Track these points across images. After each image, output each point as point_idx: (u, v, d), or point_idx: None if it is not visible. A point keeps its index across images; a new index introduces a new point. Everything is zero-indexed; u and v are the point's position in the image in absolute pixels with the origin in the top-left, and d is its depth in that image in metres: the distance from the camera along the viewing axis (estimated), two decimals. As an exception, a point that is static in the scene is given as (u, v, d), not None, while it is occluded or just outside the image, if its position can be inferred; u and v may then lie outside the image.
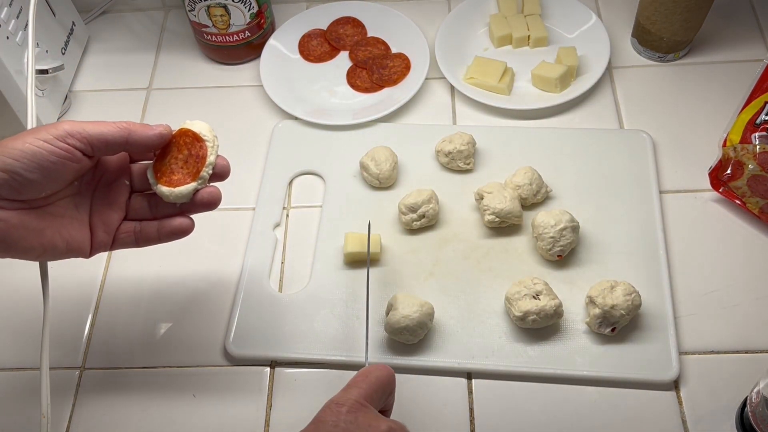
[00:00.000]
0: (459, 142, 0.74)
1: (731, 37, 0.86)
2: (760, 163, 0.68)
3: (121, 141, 0.51)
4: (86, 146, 0.49)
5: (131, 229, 0.56)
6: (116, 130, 0.50)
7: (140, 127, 0.51)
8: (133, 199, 0.57)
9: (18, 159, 0.47)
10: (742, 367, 0.62)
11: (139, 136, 0.51)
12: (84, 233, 0.53)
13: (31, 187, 0.48)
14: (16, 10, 0.77)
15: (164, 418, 0.64)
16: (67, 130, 0.48)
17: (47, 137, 0.48)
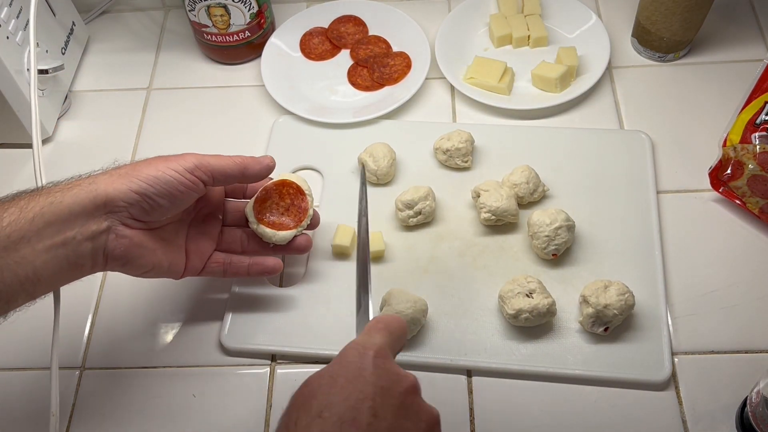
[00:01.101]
0: (457, 139, 0.75)
1: (731, 37, 0.86)
2: (760, 163, 0.68)
3: (238, 174, 0.58)
4: (209, 178, 0.56)
5: (221, 261, 0.62)
6: (234, 165, 0.57)
7: (252, 161, 0.58)
8: (226, 232, 0.64)
9: (152, 185, 0.53)
10: (741, 367, 0.62)
11: (253, 170, 0.58)
12: (182, 258, 0.59)
13: (158, 211, 0.54)
14: (16, 10, 0.77)
15: (164, 418, 0.64)
16: (195, 164, 0.55)
17: (179, 168, 0.54)
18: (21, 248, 0.47)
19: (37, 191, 0.50)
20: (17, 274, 0.47)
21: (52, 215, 0.49)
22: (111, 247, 0.52)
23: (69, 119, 0.86)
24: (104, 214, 0.51)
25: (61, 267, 0.50)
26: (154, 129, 0.84)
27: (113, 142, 0.84)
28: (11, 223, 0.48)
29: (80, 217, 0.50)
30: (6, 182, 0.80)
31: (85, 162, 0.82)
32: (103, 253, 0.52)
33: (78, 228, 0.50)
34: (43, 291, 0.51)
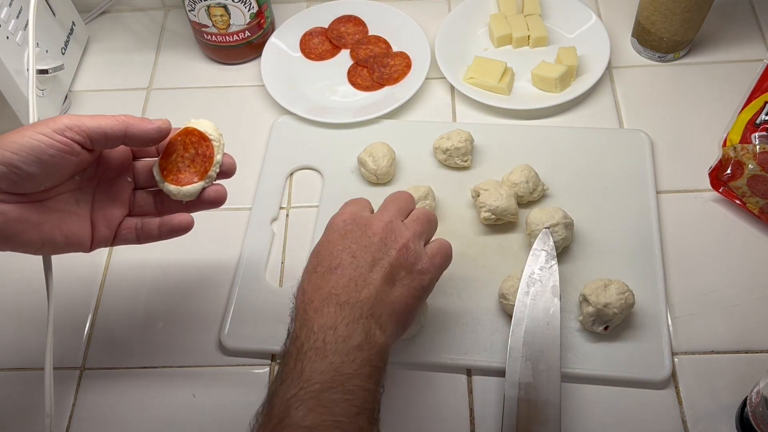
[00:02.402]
0: (457, 139, 0.75)
1: (731, 37, 0.86)
2: (760, 163, 0.68)
3: (120, 134, 0.51)
4: (85, 139, 0.50)
5: (133, 226, 0.57)
6: (114, 123, 0.51)
7: (138, 121, 0.52)
8: (137, 196, 0.58)
9: (17, 152, 0.47)
10: (742, 367, 0.62)
11: (138, 130, 0.52)
12: (84, 228, 0.54)
13: (30, 180, 0.48)
14: (15, 10, 0.77)
15: (164, 418, 0.64)
16: (66, 124, 0.49)
17: (46, 131, 0.48)
18: None
19: None
20: None
21: None
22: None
23: (69, 119, 0.86)
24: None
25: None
26: (154, 129, 0.84)
27: (113, 142, 0.84)
28: None
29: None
30: (6, 182, 0.80)
31: (85, 162, 0.82)
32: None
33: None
34: None
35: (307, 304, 0.51)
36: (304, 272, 0.54)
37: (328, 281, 0.51)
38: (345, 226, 0.55)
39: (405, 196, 0.60)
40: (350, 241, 0.54)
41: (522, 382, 0.59)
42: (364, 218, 0.56)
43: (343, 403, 0.46)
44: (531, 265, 0.64)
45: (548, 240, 0.66)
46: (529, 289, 0.63)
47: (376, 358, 0.49)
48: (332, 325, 0.49)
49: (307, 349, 0.48)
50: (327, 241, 0.55)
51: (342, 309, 0.50)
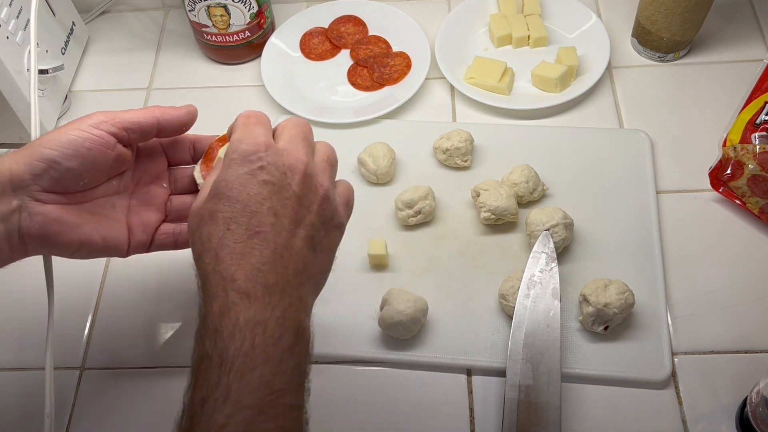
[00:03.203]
0: (457, 139, 0.75)
1: (731, 37, 0.86)
2: (760, 163, 0.68)
3: (153, 123, 0.52)
4: (120, 131, 0.50)
5: (171, 231, 0.56)
6: (147, 113, 0.52)
7: (168, 109, 0.53)
8: (174, 201, 0.57)
9: (55, 149, 0.48)
10: (741, 367, 0.62)
11: (170, 116, 0.53)
12: (121, 232, 0.53)
13: (70, 175, 0.49)
14: (16, 10, 0.77)
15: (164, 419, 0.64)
16: (101, 118, 0.50)
17: (82, 126, 0.49)
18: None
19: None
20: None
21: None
22: (25, 227, 0.48)
23: (69, 119, 0.85)
24: (12, 192, 0.47)
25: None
26: (154, 129, 0.84)
27: (113, 142, 0.84)
28: None
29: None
30: (6, 182, 0.81)
31: (85, 162, 0.82)
32: (18, 235, 0.48)
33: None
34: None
35: (227, 281, 0.42)
36: (208, 219, 0.45)
37: (252, 250, 0.43)
38: (261, 162, 0.45)
39: (305, 123, 0.53)
40: (269, 189, 0.45)
41: (522, 385, 0.59)
42: (280, 155, 0.47)
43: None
44: (531, 267, 0.64)
45: (548, 242, 0.66)
46: (530, 292, 0.63)
47: (305, 359, 0.43)
48: (262, 320, 0.41)
49: (234, 356, 0.40)
50: (239, 183, 0.45)
51: (271, 296, 0.42)
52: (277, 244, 0.44)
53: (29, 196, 0.48)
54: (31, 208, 0.48)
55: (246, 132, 0.48)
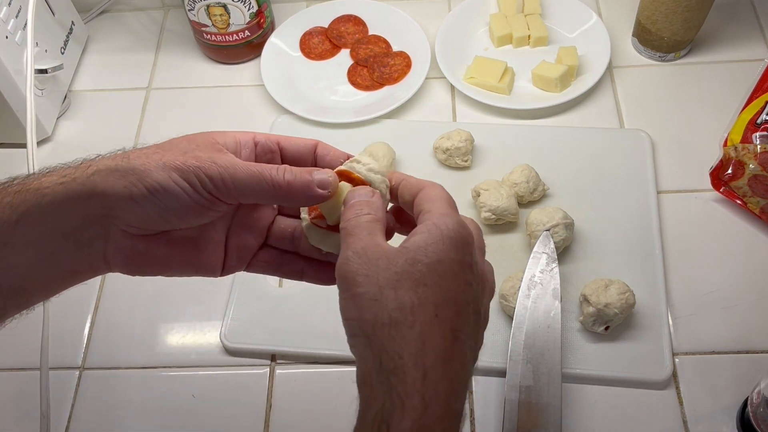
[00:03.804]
0: (457, 139, 0.74)
1: (732, 37, 0.86)
2: (761, 163, 0.68)
3: (272, 198, 0.42)
4: (233, 198, 0.41)
5: (272, 260, 0.48)
6: (269, 188, 0.41)
7: (302, 188, 0.41)
8: (277, 224, 0.48)
9: (157, 197, 0.40)
10: (742, 368, 0.62)
11: (296, 198, 0.42)
12: (217, 256, 0.46)
13: (164, 226, 0.42)
14: (15, 10, 0.77)
15: (164, 419, 0.64)
16: (220, 175, 0.40)
17: (194, 181, 0.40)
18: (4, 257, 0.40)
19: (25, 184, 0.41)
20: (1, 287, 0.40)
21: (41, 216, 0.40)
22: (111, 255, 0.42)
23: (68, 119, 0.86)
24: (100, 217, 0.41)
25: (54, 275, 0.42)
26: (154, 129, 0.84)
27: (112, 141, 0.83)
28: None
29: (72, 220, 0.41)
30: (5, 182, 0.81)
31: (85, 162, 0.82)
32: (103, 259, 0.43)
33: (70, 232, 0.41)
34: (36, 301, 0.43)
35: (427, 389, 0.34)
36: (405, 287, 0.36)
37: (452, 362, 0.35)
38: (471, 257, 0.39)
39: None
40: (472, 293, 0.38)
41: (523, 385, 0.59)
42: (481, 261, 0.41)
43: None
44: (532, 267, 0.64)
45: (549, 242, 0.65)
46: (530, 292, 0.63)
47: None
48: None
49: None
50: (452, 270, 0.37)
51: (450, 421, 0.35)
52: (465, 361, 0.37)
53: (116, 226, 0.41)
54: (117, 239, 0.42)
55: (456, 213, 0.41)
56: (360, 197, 0.41)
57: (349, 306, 0.37)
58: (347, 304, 0.37)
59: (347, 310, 0.37)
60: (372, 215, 0.40)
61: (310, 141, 0.45)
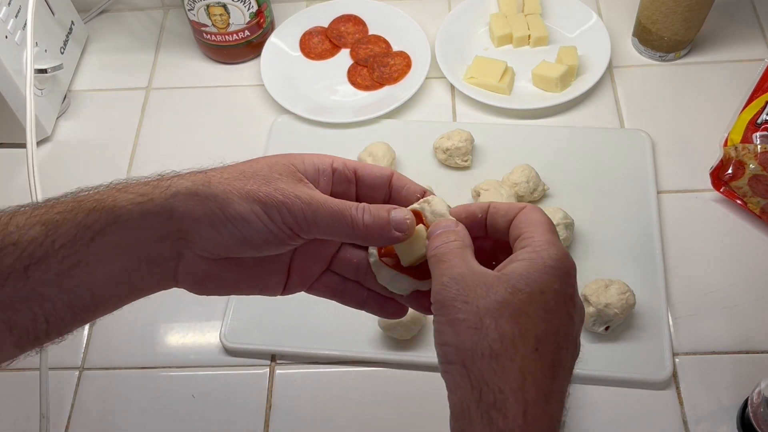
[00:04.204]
0: (457, 138, 0.74)
1: (732, 37, 0.86)
2: (761, 163, 0.68)
3: (357, 239, 0.42)
4: (307, 235, 0.41)
5: (333, 286, 0.47)
6: (348, 229, 0.41)
7: (379, 231, 0.41)
8: (343, 251, 0.47)
9: (237, 228, 0.39)
10: (743, 368, 0.62)
11: (379, 239, 0.41)
12: (280, 280, 0.46)
13: (238, 253, 0.42)
14: (14, 10, 0.77)
15: (163, 419, 0.64)
16: (303, 213, 0.40)
17: (276, 217, 0.40)
18: (76, 275, 0.39)
19: (100, 200, 0.39)
20: (71, 305, 0.39)
21: (116, 236, 0.39)
22: (182, 275, 0.42)
23: (68, 119, 0.86)
24: (175, 240, 0.40)
25: (123, 293, 0.42)
26: (154, 128, 0.84)
27: (112, 141, 0.84)
28: (65, 245, 0.38)
29: (147, 241, 0.40)
30: (4, 182, 0.80)
31: (84, 161, 0.82)
32: (173, 278, 0.43)
33: (144, 253, 0.40)
34: (99, 315, 0.43)
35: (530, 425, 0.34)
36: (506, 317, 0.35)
37: (550, 400, 0.35)
38: (573, 288, 0.38)
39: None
40: (572, 325, 0.37)
41: None
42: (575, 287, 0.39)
43: None
44: None
45: None
46: None
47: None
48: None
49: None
50: (555, 301, 0.36)
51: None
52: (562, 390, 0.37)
53: (191, 250, 0.41)
54: (190, 261, 0.41)
55: (558, 240, 0.39)
56: (445, 228, 0.40)
57: (446, 331, 0.36)
58: (445, 329, 0.36)
59: (444, 335, 0.36)
60: (460, 242, 0.39)
61: (385, 171, 0.44)
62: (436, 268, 0.39)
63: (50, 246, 0.37)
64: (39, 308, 0.38)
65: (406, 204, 0.43)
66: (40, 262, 0.37)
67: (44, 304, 0.38)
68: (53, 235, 0.38)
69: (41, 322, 0.38)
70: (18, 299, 0.37)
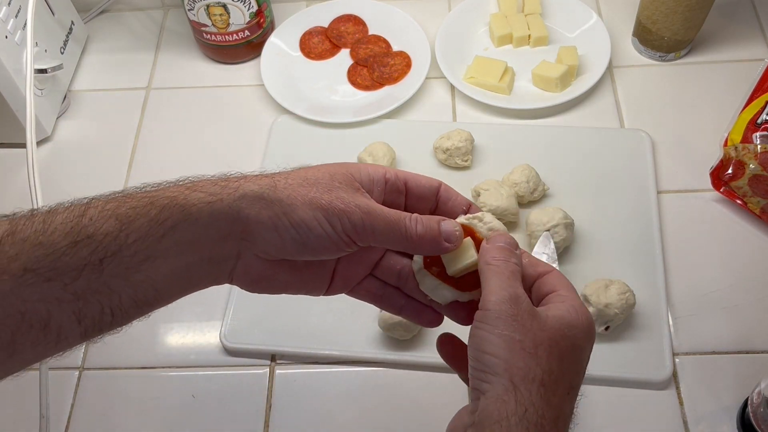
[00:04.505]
0: (457, 138, 0.74)
1: (732, 37, 0.86)
2: (761, 163, 0.68)
3: (409, 248, 0.44)
4: (364, 243, 0.43)
5: (374, 290, 0.48)
6: (403, 240, 0.43)
7: (430, 241, 0.43)
8: (387, 258, 0.48)
9: (300, 234, 0.41)
10: (743, 368, 0.62)
11: (429, 249, 0.43)
12: (324, 282, 0.48)
13: (296, 257, 0.44)
14: (14, 10, 0.77)
15: (163, 419, 0.64)
16: (362, 221, 0.42)
17: (337, 226, 0.42)
18: (144, 270, 0.40)
19: (172, 197, 0.41)
20: (135, 298, 0.41)
21: (185, 234, 0.40)
22: (239, 274, 0.44)
23: (68, 119, 0.86)
24: (239, 240, 0.42)
25: (180, 288, 0.43)
26: (153, 128, 0.84)
27: (112, 141, 0.84)
28: (138, 241, 0.39)
29: (212, 239, 0.42)
30: (5, 182, 0.80)
31: (84, 161, 0.82)
32: (228, 276, 0.44)
33: (208, 251, 0.42)
34: (156, 309, 0.44)
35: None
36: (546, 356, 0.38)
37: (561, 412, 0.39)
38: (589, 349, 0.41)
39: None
40: (582, 376, 0.41)
41: None
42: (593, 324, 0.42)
43: None
44: None
45: (549, 243, 0.65)
46: None
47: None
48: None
49: None
50: (582, 358, 0.40)
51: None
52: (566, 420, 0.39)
53: (251, 251, 0.43)
54: (250, 261, 0.43)
55: (579, 299, 0.42)
56: (507, 244, 0.42)
57: (497, 344, 0.38)
58: (496, 341, 0.38)
59: (493, 347, 0.38)
60: (518, 266, 0.42)
61: (434, 182, 0.46)
62: (492, 280, 0.40)
63: (124, 240, 0.39)
64: (107, 301, 0.39)
65: (451, 215, 0.45)
66: (114, 256, 0.38)
67: (112, 296, 0.39)
68: (127, 229, 0.39)
69: (107, 315, 0.39)
70: (90, 291, 0.38)
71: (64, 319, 0.38)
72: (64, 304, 0.38)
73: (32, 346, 0.38)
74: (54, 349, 0.40)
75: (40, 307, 0.37)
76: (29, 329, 0.37)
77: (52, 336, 0.38)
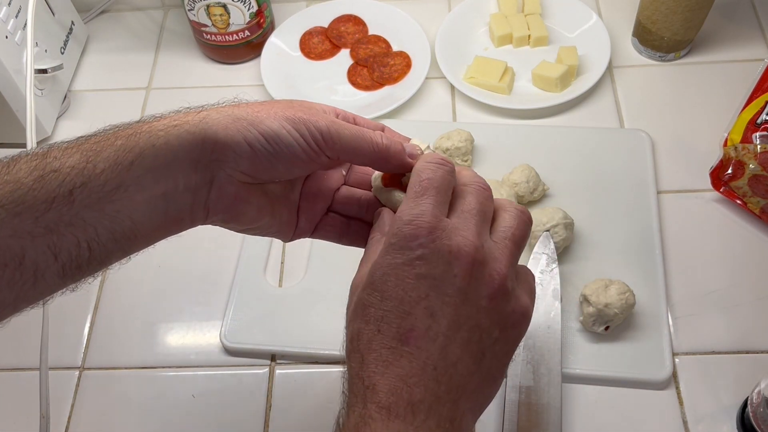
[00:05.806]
0: (457, 138, 0.74)
1: (732, 37, 0.86)
2: (761, 163, 0.68)
3: (372, 162, 0.45)
4: (335, 155, 0.44)
5: (336, 225, 0.50)
6: (371, 151, 0.44)
7: (396, 153, 0.45)
8: (343, 191, 0.50)
9: (271, 143, 0.42)
10: (743, 368, 0.62)
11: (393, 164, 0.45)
12: (292, 216, 0.49)
13: (270, 173, 0.44)
14: (15, 10, 0.77)
15: (163, 419, 0.64)
16: (328, 131, 0.43)
17: (305, 133, 0.43)
18: (117, 200, 0.39)
19: (136, 128, 0.41)
20: (112, 231, 0.40)
21: (154, 160, 0.40)
22: (213, 202, 0.44)
23: (68, 119, 0.86)
24: (209, 162, 0.42)
25: (159, 221, 0.42)
26: (154, 129, 0.84)
27: (113, 141, 0.84)
28: (106, 170, 0.39)
29: (183, 164, 0.41)
30: (5, 182, 0.80)
31: (85, 162, 0.82)
32: (204, 207, 0.44)
33: (180, 178, 0.42)
34: (138, 248, 0.43)
35: (369, 391, 0.37)
36: (360, 313, 0.40)
37: (399, 359, 0.38)
38: (421, 251, 0.39)
39: (485, 185, 0.45)
40: (428, 285, 0.39)
41: (523, 386, 0.59)
42: (447, 238, 0.40)
43: None
44: (532, 268, 0.64)
45: (549, 243, 0.65)
46: None
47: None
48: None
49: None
50: (395, 275, 0.39)
51: (414, 415, 0.37)
52: (430, 353, 0.38)
53: (224, 171, 0.43)
54: (224, 184, 0.43)
55: (413, 205, 0.41)
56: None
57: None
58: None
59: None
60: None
61: (378, 125, 0.48)
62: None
63: (92, 171, 0.39)
64: (82, 234, 0.38)
65: None
66: (84, 186, 0.38)
67: (87, 228, 0.38)
68: (94, 160, 0.39)
69: (84, 249, 0.39)
70: (63, 224, 0.37)
71: (39, 255, 0.37)
72: (37, 238, 0.37)
73: (9, 286, 0.37)
74: (33, 290, 0.38)
75: (12, 243, 0.36)
76: (3, 267, 0.36)
77: (28, 274, 0.37)
